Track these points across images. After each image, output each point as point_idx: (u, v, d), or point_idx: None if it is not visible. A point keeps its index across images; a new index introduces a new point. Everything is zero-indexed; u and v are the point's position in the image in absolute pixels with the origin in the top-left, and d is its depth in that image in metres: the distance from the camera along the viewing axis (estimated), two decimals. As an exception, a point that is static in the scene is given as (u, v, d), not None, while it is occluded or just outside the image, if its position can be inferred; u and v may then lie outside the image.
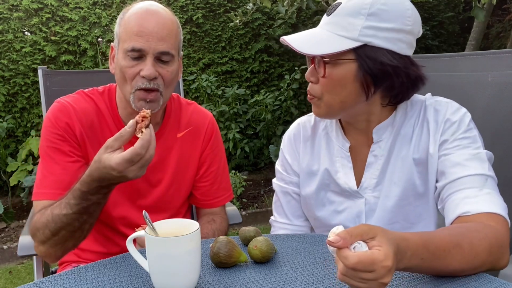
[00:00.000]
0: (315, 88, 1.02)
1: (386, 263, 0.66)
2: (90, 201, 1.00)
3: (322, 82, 0.99)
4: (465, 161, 0.95)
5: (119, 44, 1.14)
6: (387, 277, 0.67)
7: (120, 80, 1.15)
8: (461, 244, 0.79)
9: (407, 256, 0.72)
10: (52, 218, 1.03)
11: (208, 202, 1.35)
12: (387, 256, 0.66)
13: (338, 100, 0.99)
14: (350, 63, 0.95)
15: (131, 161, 0.93)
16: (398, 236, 0.72)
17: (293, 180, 1.18)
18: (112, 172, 0.94)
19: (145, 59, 1.11)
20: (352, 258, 0.66)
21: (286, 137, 1.21)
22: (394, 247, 0.68)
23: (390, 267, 0.66)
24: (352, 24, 0.94)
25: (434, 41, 5.23)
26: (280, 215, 1.20)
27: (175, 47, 1.16)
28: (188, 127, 1.29)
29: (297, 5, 3.29)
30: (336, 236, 0.68)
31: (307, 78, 1.02)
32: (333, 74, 0.97)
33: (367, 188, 1.06)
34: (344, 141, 1.09)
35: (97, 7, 3.95)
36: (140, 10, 1.13)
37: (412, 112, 1.05)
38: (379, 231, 0.69)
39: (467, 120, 0.99)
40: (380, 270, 0.66)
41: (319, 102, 1.02)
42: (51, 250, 1.08)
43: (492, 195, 0.91)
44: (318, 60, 0.99)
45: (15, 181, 3.40)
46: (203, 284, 0.82)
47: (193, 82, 4.26)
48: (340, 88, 0.98)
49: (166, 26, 1.13)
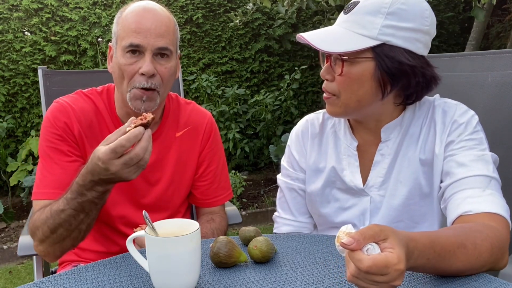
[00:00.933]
0: (331, 86, 1.01)
1: (399, 266, 0.65)
2: (86, 197, 0.99)
3: (339, 80, 0.99)
4: (470, 162, 0.95)
5: (117, 42, 1.15)
6: (398, 279, 0.66)
7: (118, 78, 1.15)
8: (465, 244, 0.79)
9: (414, 256, 0.72)
10: (50, 214, 1.03)
11: (207, 201, 1.35)
12: (400, 259, 0.66)
13: (354, 99, 0.99)
14: (368, 62, 0.96)
15: (114, 151, 0.90)
16: (407, 236, 0.72)
17: (299, 176, 1.18)
18: (98, 162, 0.92)
19: (144, 56, 1.11)
20: (367, 261, 0.65)
21: (293, 134, 1.21)
22: (405, 248, 0.68)
23: (403, 270, 0.66)
24: (371, 23, 0.94)
25: (434, 41, 5.19)
26: (285, 211, 1.20)
27: (173, 43, 1.17)
28: (187, 127, 1.29)
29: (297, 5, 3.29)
30: (349, 238, 0.67)
31: (323, 76, 1.01)
32: (350, 72, 0.97)
33: (373, 187, 1.07)
34: (352, 140, 1.10)
35: (97, 7, 3.95)
36: (137, 8, 1.14)
37: (420, 112, 1.05)
38: (391, 233, 0.69)
39: (474, 122, 1.00)
40: (393, 273, 0.65)
41: (337, 100, 1.01)
42: (50, 249, 1.09)
43: (494, 196, 0.91)
44: (335, 57, 0.98)
45: (15, 181, 3.40)
46: (203, 284, 0.82)
47: (193, 82, 4.26)
48: (357, 86, 0.97)
49: (163, 22, 1.14)
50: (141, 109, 1.13)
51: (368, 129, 1.08)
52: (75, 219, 1.02)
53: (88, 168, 0.96)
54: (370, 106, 1.01)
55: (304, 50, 4.75)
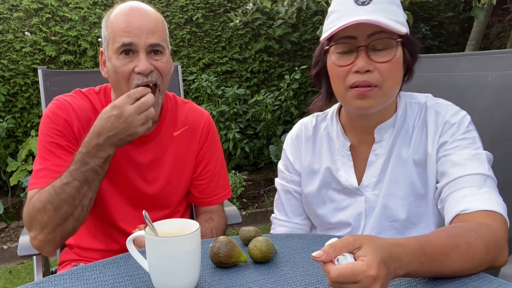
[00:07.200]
0: (374, 76, 0.95)
1: (369, 272, 0.65)
2: (89, 165, 1.03)
3: (385, 67, 0.95)
4: (465, 161, 0.95)
5: (109, 45, 1.15)
6: (374, 286, 0.66)
7: (115, 83, 1.15)
8: (458, 245, 0.79)
9: (406, 262, 0.72)
10: (54, 191, 1.03)
11: (206, 200, 1.35)
12: (370, 265, 0.65)
13: (396, 83, 1.00)
14: (399, 46, 0.99)
15: (129, 96, 1.05)
16: (391, 242, 0.72)
17: (294, 179, 1.19)
18: (112, 111, 1.04)
19: (138, 55, 1.11)
20: (333, 272, 0.66)
21: (289, 137, 1.22)
22: (380, 255, 0.67)
23: (375, 276, 0.65)
24: (397, 11, 0.98)
25: (434, 41, 5.23)
26: (281, 212, 1.22)
27: (164, 39, 1.17)
28: (185, 126, 1.29)
29: (297, 5, 3.29)
30: (320, 251, 0.68)
31: (364, 68, 0.94)
32: (397, 56, 0.98)
33: (368, 186, 1.07)
34: (345, 140, 1.11)
35: (97, 7, 3.95)
36: (124, 8, 1.15)
37: (411, 111, 1.06)
38: (366, 240, 0.69)
39: (466, 122, 1.00)
40: (364, 280, 0.65)
41: (379, 91, 0.97)
42: (50, 236, 1.06)
43: (491, 194, 0.91)
44: (372, 46, 0.94)
45: (15, 181, 3.40)
46: (203, 284, 0.82)
47: (193, 82, 4.26)
48: (399, 70, 1.00)
49: (152, 19, 1.14)
50: None
51: (360, 130, 1.08)
52: (79, 193, 1.04)
53: (95, 128, 1.04)
54: (397, 92, 1.03)
55: (304, 50, 4.75)
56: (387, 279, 0.68)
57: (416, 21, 4.72)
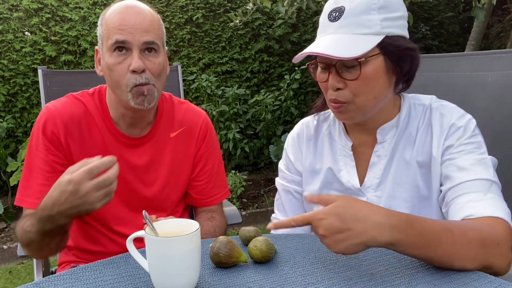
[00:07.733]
0: (344, 94, 0.98)
1: (318, 216, 0.77)
2: (45, 226, 1.00)
3: (354, 84, 0.97)
4: (470, 165, 0.95)
5: (103, 43, 1.14)
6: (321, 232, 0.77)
7: (111, 82, 1.15)
8: (451, 229, 0.80)
9: (388, 229, 0.76)
10: (23, 232, 1.08)
11: (205, 200, 1.34)
12: (322, 212, 0.77)
13: (371, 97, 0.99)
14: (378, 57, 0.97)
15: (90, 172, 0.90)
16: (373, 208, 0.78)
17: (295, 179, 1.19)
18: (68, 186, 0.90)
19: (131, 53, 1.11)
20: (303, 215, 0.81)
21: (290, 137, 1.22)
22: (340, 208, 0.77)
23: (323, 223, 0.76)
24: (369, 21, 0.96)
25: (434, 41, 5.23)
26: (281, 212, 1.22)
27: (159, 38, 1.16)
28: (182, 127, 1.28)
29: (297, 5, 3.29)
30: None
31: (334, 86, 0.98)
32: (366, 72, 0.97)
33: (370, 188, 1.07)
34: (347, 140, 1.10)
35: (97, 7, 3.95)
36: (120, 6, 1.15)
37: (415, 113, 1.05)
38: (341, 197, 0.79)
39: (472, 126, 1.00)
40: (315, 223, 0.78)
41: (351, 106, 0.99)
42: (34, 254, 1.15)
43: (496, 200, 0.91)
44: (340, 65, 0.97)
45: (15, 181, 3.39)
46: (203, 284, 0.82)
47: (193, 82, 4.26)
48: (374, 83, 0.98)
49: (147, 18, 1.14)
50: (144, 104, 1.13)
51: (363, 130, 1.08)
52: (42, 241, 1.05)
53: (50, 198, 0.95)
54: (383, 100, 1.02)
55: (304, 50, 4.75)
56: (345, 235, 0.76)
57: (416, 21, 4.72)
